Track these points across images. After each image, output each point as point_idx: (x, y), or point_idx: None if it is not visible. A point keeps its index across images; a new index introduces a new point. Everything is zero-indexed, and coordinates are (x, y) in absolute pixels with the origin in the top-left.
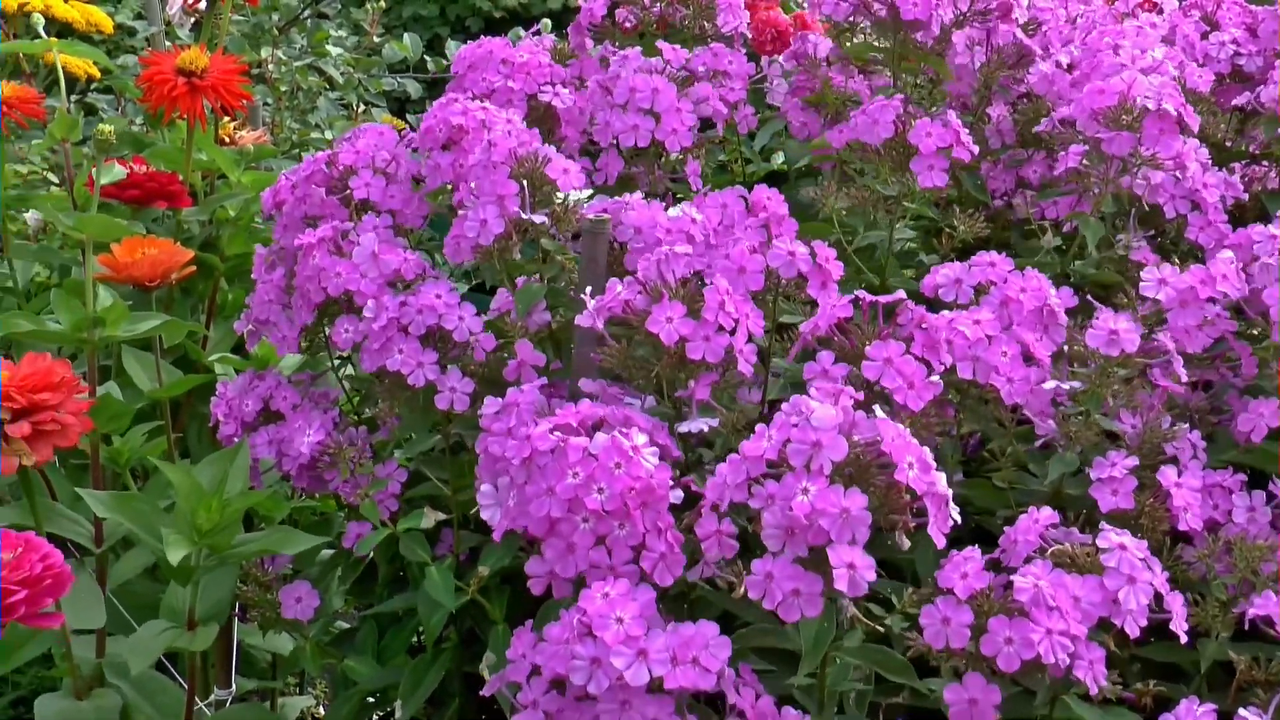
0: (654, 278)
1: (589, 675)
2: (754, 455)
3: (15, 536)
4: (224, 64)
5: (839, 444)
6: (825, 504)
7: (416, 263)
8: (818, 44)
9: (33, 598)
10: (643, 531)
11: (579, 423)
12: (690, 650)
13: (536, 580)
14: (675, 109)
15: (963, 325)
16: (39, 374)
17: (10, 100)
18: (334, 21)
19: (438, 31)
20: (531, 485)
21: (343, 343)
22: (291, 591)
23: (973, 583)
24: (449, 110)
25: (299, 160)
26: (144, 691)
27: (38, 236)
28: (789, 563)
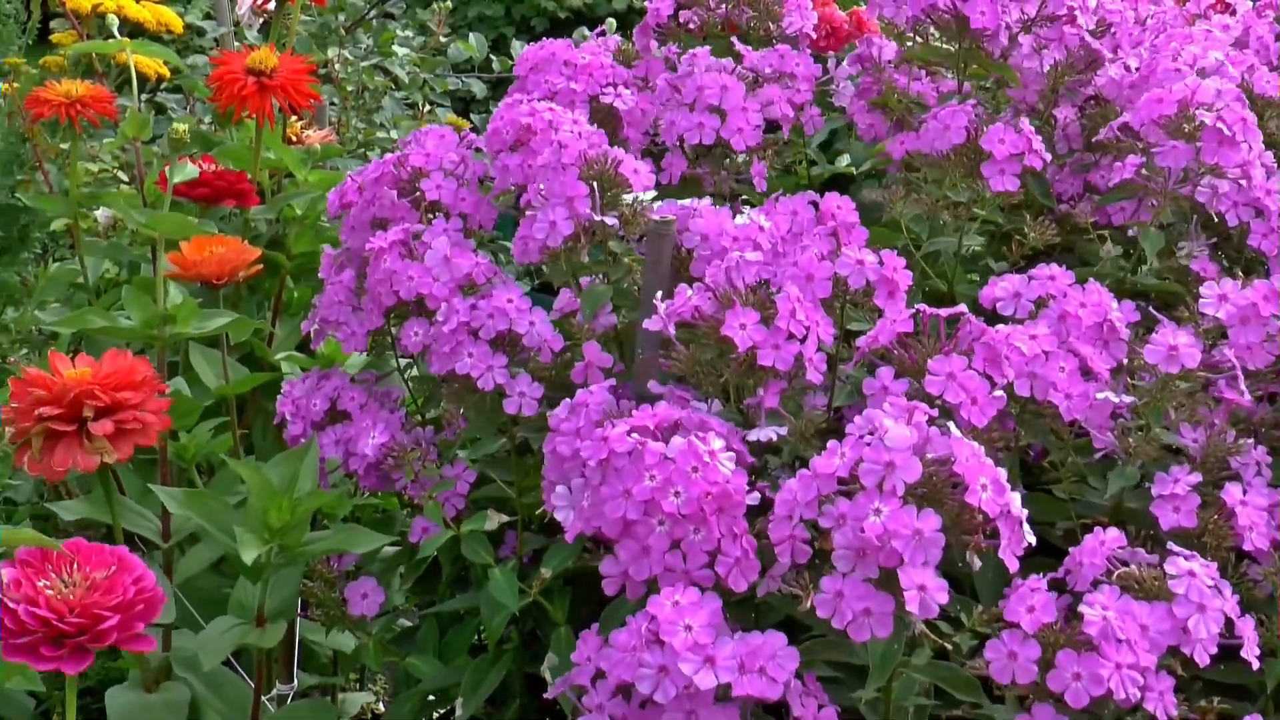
0: (723, 284)
1: (656, 683)
2: (825, 473)
3: (109, 553)
4: (292, 64)
5: (913, 465)
6: (898, 525)
7: (487, 266)
8: (882, 47)
9: (125, 622)
10: (718, 536)
11: (655, 425)
12: (758, 659)
13: (610, 580)
14: (742, 108)
15: (1019, 341)
16: (121, 372)
17: (84, 99)
18: (400, 21)
19: (503, 31)
20: (607, 487)
21: (412, 346)
22: (357, 588)
23: (1040, 616)
24: (516, 111)
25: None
26: (211, 685)
27: (107, 233)
28: (860, 582)
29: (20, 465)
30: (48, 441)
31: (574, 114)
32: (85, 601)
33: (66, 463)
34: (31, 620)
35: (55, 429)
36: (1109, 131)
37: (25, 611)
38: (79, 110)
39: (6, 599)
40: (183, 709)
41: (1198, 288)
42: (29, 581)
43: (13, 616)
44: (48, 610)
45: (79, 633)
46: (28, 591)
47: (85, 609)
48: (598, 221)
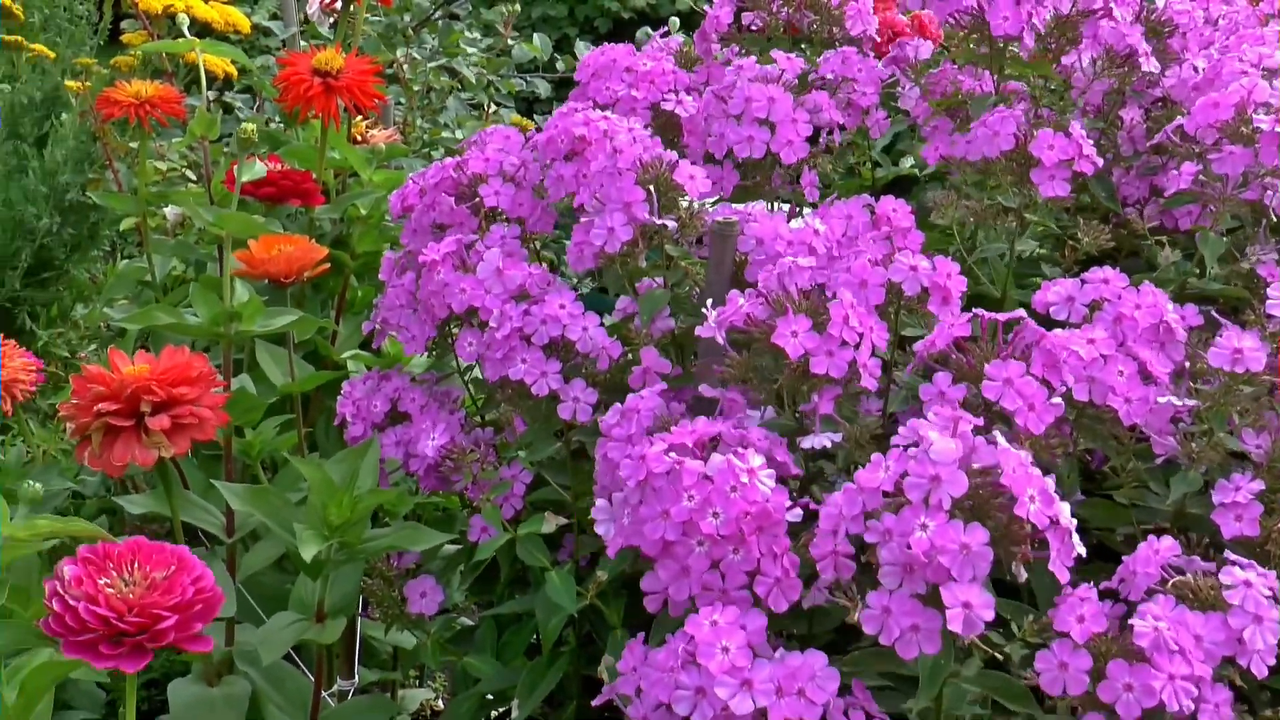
0: (776, 289)
1: (693, 704)
2: (870, 487)
3: (168, 552)
4: (358, 64)
5: (959, 479)
6: (945, 540)
7: (541, 276)
8: (918, 48)
9: (183, 622)
10: (758, 556)
11: (694, 442)
12: (796, 682)
13: (652, 598)
14: (791, 119)
15: (1076, 345)
16: (178, 368)
17: (153, 99)
18: (464, 22)
19: (566, 32)
20: (646, 507)
21: (466, 356)
22: (416, 586)
23: (1090, 626)
24: (570, 121)
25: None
26: (273, 680)
27: (175, 232)
28: (907, 598)
29: (82, 460)
30: (107, 437)
31: (629, 121)
32: (144, 601)
33: (125, 458)
34: (91, 618)
35: (114, 424)
36: (1164, 135)
37: (85, 609)
38: (148, 110)
39: (68, 596)
40: (243, 703)
41: (1264, 291)
42: (90, 579)
43: (73, 614)
44: (107, 609)
45: (138, 632)
46: (88, 589)
47: (144, 608)
48: (656, 225)
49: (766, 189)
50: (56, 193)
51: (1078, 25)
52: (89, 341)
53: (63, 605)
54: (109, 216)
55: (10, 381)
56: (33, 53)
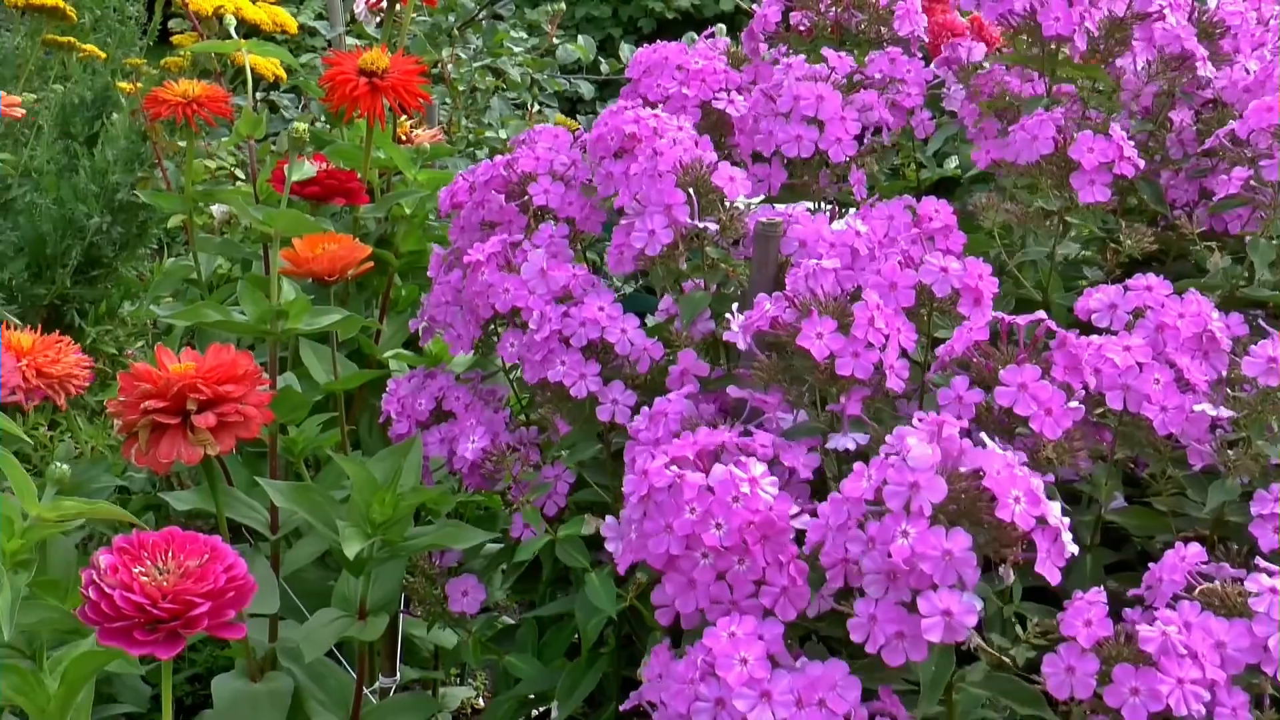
0: (803, 292)
1: (712, 717)
2: (854, 496)
3: (202, 542)
4: (404, 64)
5: (937, 485)
6: (925, 547)
7: (585, 278)
8: (970, 49)
9: (216, 609)
10: (763, 565)
11: (696, 454)
12: (816, 692)
13: (662, 611)
14: (839, 118)
15: (1112, 353)
16: (224, 366)
17: (200, 99)
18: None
19: (610, 32)
20: (650, 522)
21: (509, 357)
22: (458, 585)
23: (1097, 630)
24: (620, 118)
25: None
26: (315, 676)
27: (221, 230)
28: (892, 605)
29: (128, 457)
30: (153, 434)
31: (679, 120)
32: (178, 588)
33: (171, 455)
34: (126, 605)
35: (160, 421)
36: (1215, 140)
37: (120, 597)
38: (195, 109)
39: (104, 584)
40: (286, 698)
41: None
42: (125, 568)
43: (109, 601)
44: (142, 596)
45: (171, 618)
46: (123, 578)
47: (177, 595)
48: (696, 228)
49: (814, 188)
50: (107, 192)
51: (1130, 27)
52: (136, 338)
53: (98, 593)
54: (157, 215)
55: (65, 377)
56: (84, 53)
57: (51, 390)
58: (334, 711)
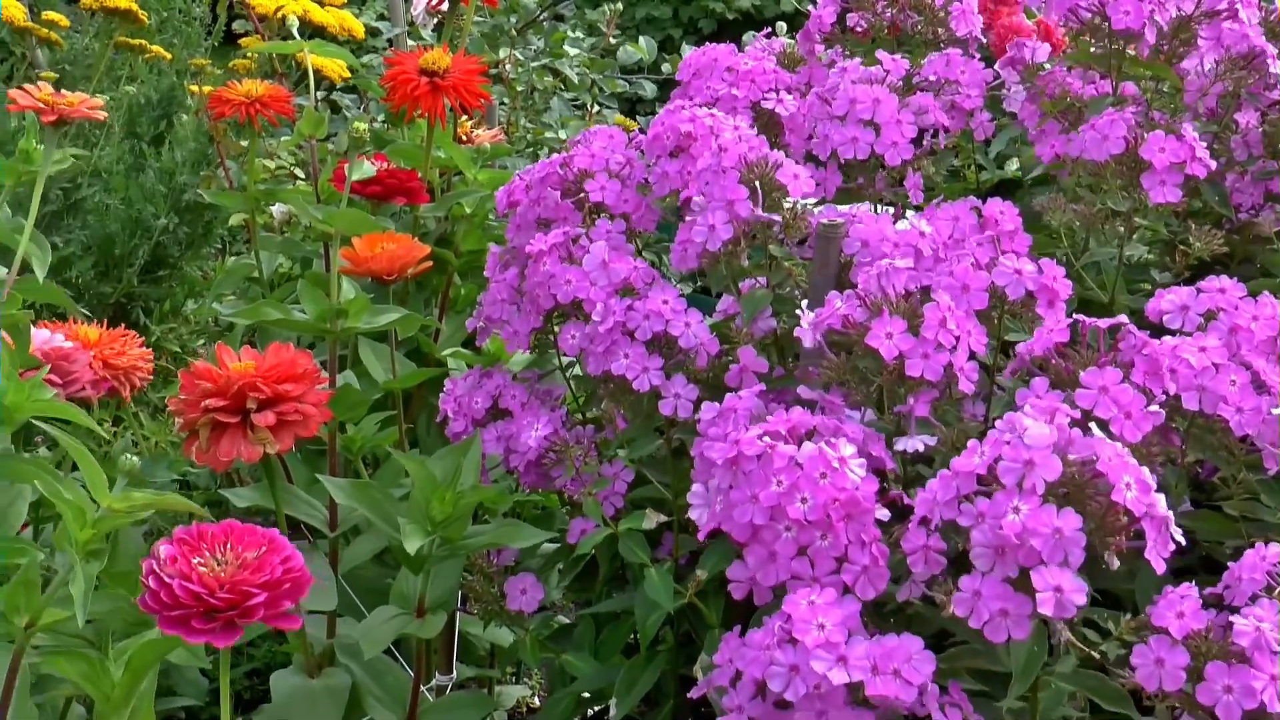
0: (874, 291)
1: (787, 681)
2: (965, 471)
3: (260, 534)
4: (465, 64)
5: (1052, 463)
6: (1037, 524)
7: (646, 271)
8: (1035, 49)
9: (272, 600)
10: (845, 543)
11: (789, 430)
12: (891, 661)
13: (737, 585)
14: (895, 120)
15: (1187, 353)
16: (284, 365)
17: (263, 99)
18: (569, 23)
19: (670, 33)
20: (736, 490)
21: (570, 349)
22: (517, 583)
23: (1189, 622)
24: (677, 118)
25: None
26: (373, 673)
27: (282, 229)
28: (998, 582)
29: (189, 454)
30: (214, 432)
31: (735, 120)
32: (235, 579)
33: (231, 453)
34: (184, 594)
35: (220, 420)
36: None
37: (179, 586)
38: (258, 109)
39: (163, 574)
40: (343, 695)
41: None
42: (184, 558)
43: (168, 590)
44: (199, 585)
45: (228, 608)
46: (182, 568)
47: (234, 585)
48: (760, 220)
49: (869, 191)
50: (174, 192)
51: (1196, 26)
52: (199, 336)
53: (158, 582)
54: (221, 214)
55: (130, 369)
56: (151, 54)
57: (117, 381)
58: (391, 708)
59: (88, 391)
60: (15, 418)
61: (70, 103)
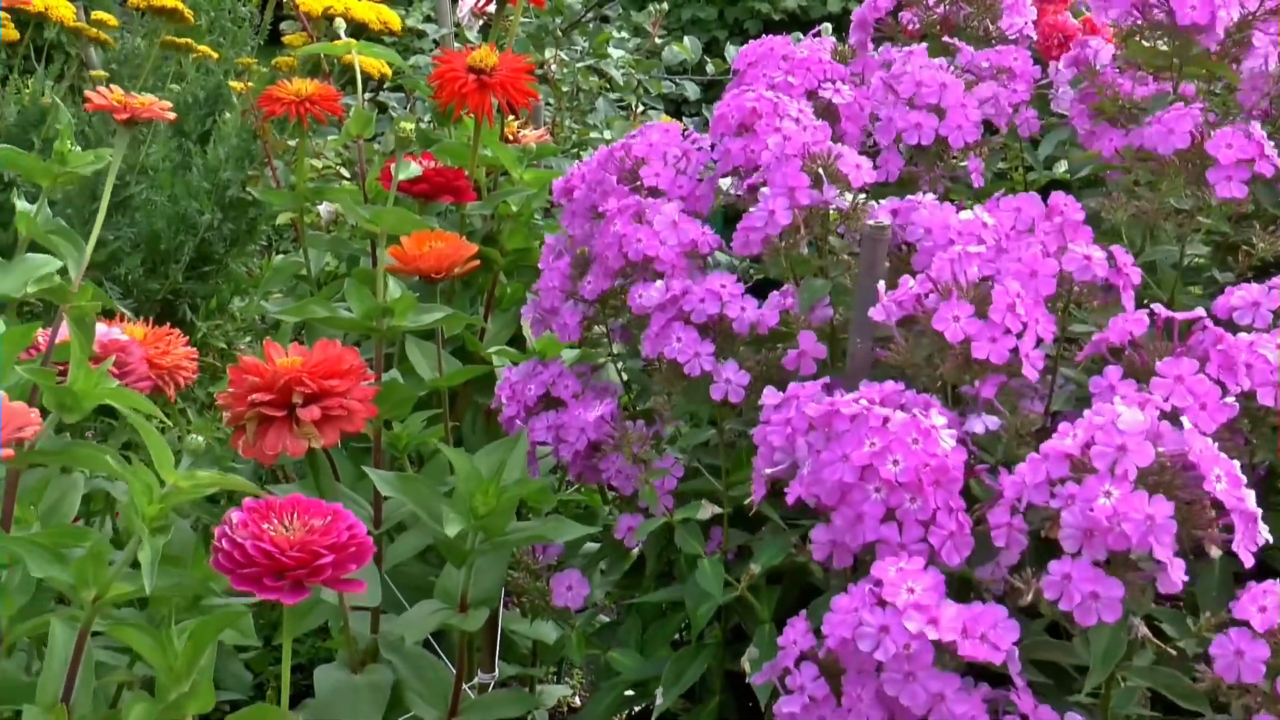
0: (946, 277)
1: (876, 641)
2: (1056, 452)
3: (325, 507)
4: (512, 62)
5: (1145, 449)
6: (1129, 508)
7: (712, 237)
8: (1098, 50)
9: (339, 562)
10: (934, 508)
11: (881, 400)
12: (980, 626)
13: (819, 546)
14: (961, 104)
15: (1264, 349)
16: (329, 361)
17: (312, 97)
18: (615, 24)
19: (715, 34)
20: (828, 451)
21: (637, 308)
22: (562, 579)
23: (1272, 617)
24: (743, 98)
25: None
26: (415, 669)
27: (329, 227)
28: (1088, 565)
29: (236, 448)
30: (260, 426)
31: (799, 103)
32: (304, 540)
33: (277, 447)
34: (257, 553)
35: (267, 414)
36: None
37: (252, 545)
38: (308, 108)
39: (236, 535)
40: (386, 690)
41: None
42: (254, 523)
43: (241, 550)
44: (271, 545)
45: (297, 566)
46: (254, 530)
47: (304, 545)
48: (825, 205)
49: (929, 177)
50: (219, 189)
51: (1255, 26)
52: (245, 333)
53: (231, 543)
54: (267, 212)
55: (174, 368)
56: (198, 54)
57: (162, 381)
58: (433, 705)
59: (142, 386)
60: (83, 405)
61: (143, 103)
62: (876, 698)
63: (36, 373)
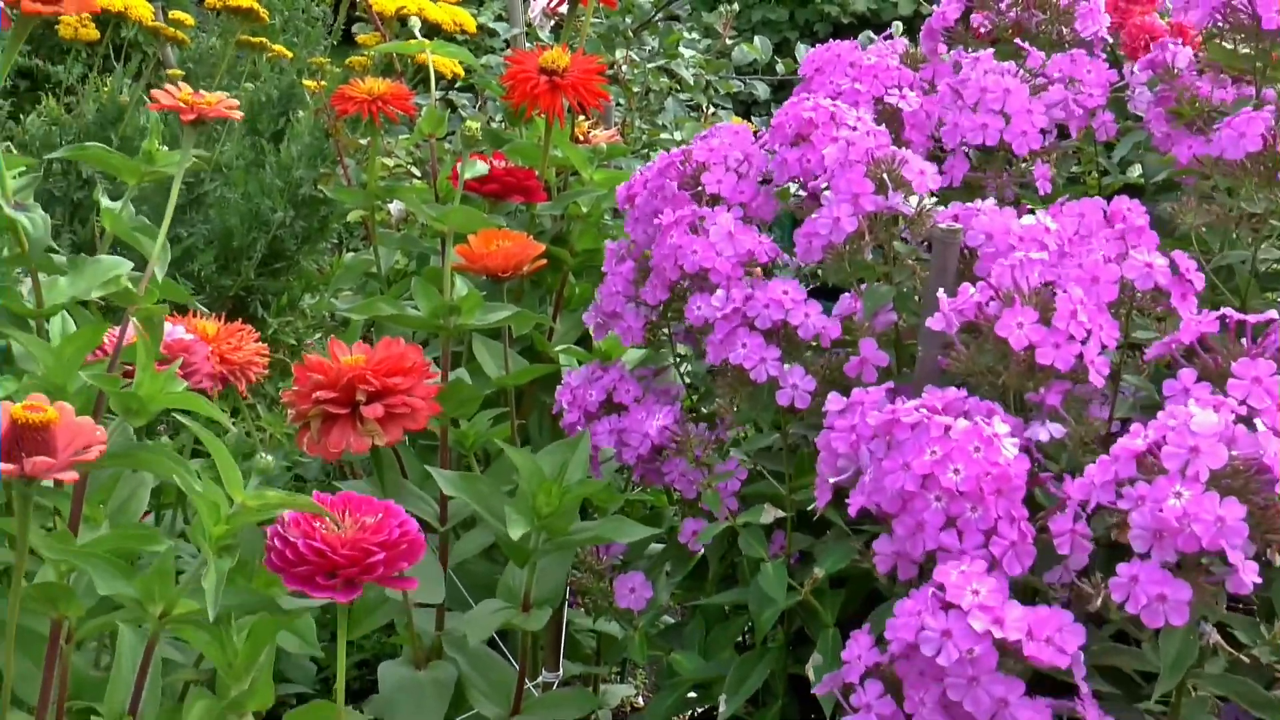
0: (1007, 283)
1: (939, 646)
2: (1126, 453)
3: (377, 504)
4: (584, 63)
5: (1218, 451)
6: (1199, 510)
7: (770, 246)
8: (1176, 52)
9: (390, 560)
10: (995, 517)
11: (944, 408)
12: (1045, 629)
13: (882, 558)
14: (1026, 110)
15: None
16: (392, 359)
17: (385, 96)
18: (685, 24)
19: (786, 35)
20: (889, 460)
21: (696, 319)
22: (626, 581)
23: None
24: (800, 107)
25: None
26: (479, 667)
27: (399, 226)
28: (1156, 567)
29: (301, 445)
30: (324, 423)
31: (859, 111)
32: (356, 538)
33: (341, 444)
34: (309, 552)
35: (331, 412)
36: None
37: (304, 545)
38: (380, 107)
39: (288, 534)
40: (449, 687)
41: None
42: (306, 521)
43: (293, 549)
44: (323, 543)
45: (350, 565)
46: (306, 530)
47: (355, 544)
48: (891, 207)
49: (995, 182)
50: (291, 186)
51: None
52: (315, 330)
53: (284, 543)
54: (338, 210)
55: (246, 364)
56: (272, 53)
57: (233, 376)
58: (496, 702)
59: (206, 384)
60: (149, 409)
61: (209, 102)
62: (939, 703)
63: (100, 378)
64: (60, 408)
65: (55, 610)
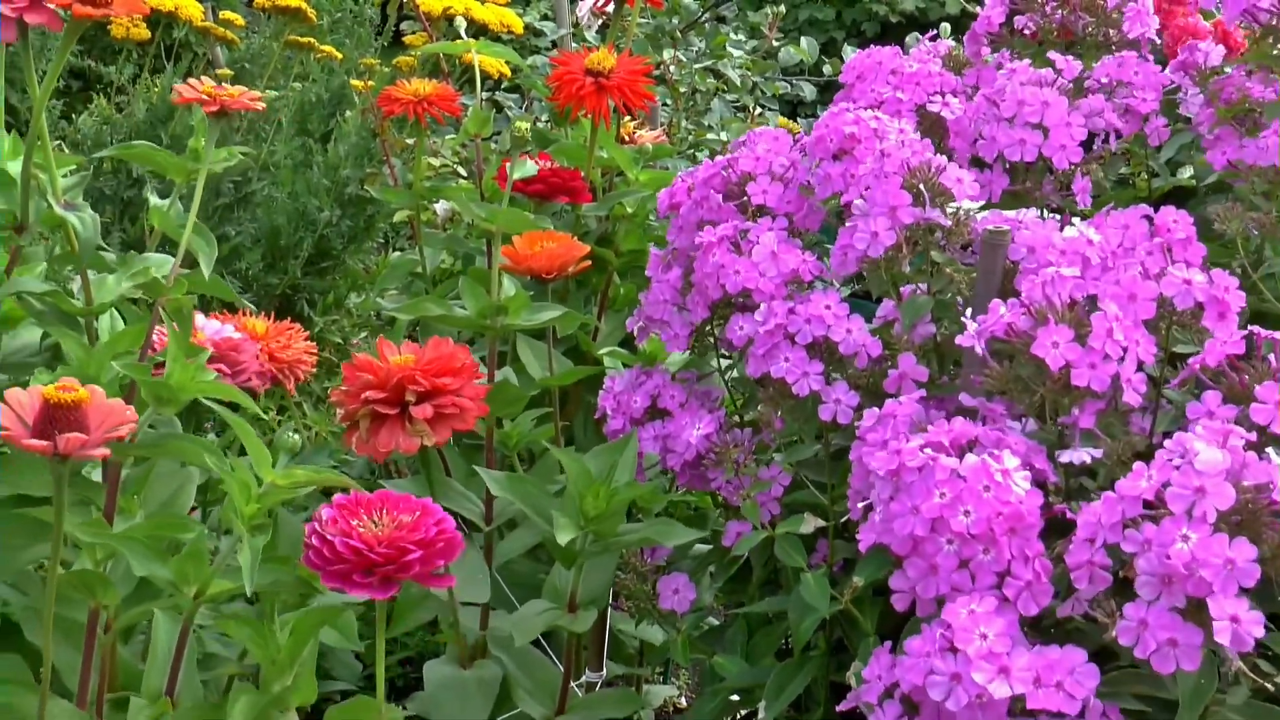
0: (1039, 300)
1: (947, 690)
2: (1131, 495)
3: (414, 502)
4: (630, 65)
5: (1225, 490)
6: (1207, 554)
7: (814, 264)
8: (1208, 53)
9: (426, 558)
10: (1008, 558)
11: (951, 441)
12: (1055, 674)
13: (900, 596)
14: (1065, 123)
15: None
16: (442, 359)
17: (431, 97)
18: (731, 25)
19: (833, 35)
20: (897, 502)
21: (738, 340)
22: (670, 583)
23: None
24: (841, 120)
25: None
26: (524, 666)
27: (445, 226)
28: (1165, 611)
29: (349, 444)
30: (373, 423)
31: (900, 123)
32: (392, 536)
33: (389, 444)
34: (346, 550)
35: (380, 411)
36: None
37: (341, 542)
38: (426, 107)
39: (325, 533)
40: (494, 686)
41: None
42: (344, 519)
43: (330, 547)
44: (360, 541)
45: (386, 563)
46: (343, 527)
47: (392, 542)
48: (928, 219)
49: (1036, 194)
50: (338, 186)
51: None
52: (360, 329)
53: (320, 540)
54: (384, 210)
55: (294, 362)
56: (322, 54)
57: (281, 374)
58: (540, 702)
59: (254, 382)
60: (180, 397)
61: (231, 94)
62: None
63: (132, 367)
64: (92, 389)
65: (92, 597)
